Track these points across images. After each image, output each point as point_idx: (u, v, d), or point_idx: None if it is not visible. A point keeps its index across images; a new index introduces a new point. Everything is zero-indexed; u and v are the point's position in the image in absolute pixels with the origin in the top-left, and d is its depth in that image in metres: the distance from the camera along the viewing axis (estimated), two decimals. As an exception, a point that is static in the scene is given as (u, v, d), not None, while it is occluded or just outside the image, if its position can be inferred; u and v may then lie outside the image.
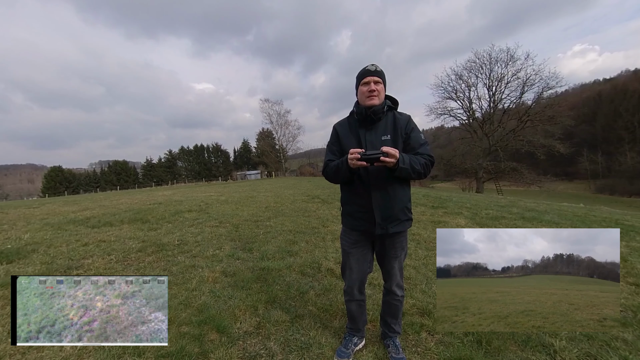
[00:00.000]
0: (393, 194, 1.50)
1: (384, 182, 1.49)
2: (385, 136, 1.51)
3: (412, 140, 1.51)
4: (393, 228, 1.52)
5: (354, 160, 1.35)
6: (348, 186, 1.63)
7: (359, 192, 1.55)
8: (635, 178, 36.25)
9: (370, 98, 1.51)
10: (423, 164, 1.43)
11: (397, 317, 1.75)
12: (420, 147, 1.49)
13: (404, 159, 1.38)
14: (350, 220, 1.63)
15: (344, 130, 1.63)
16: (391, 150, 1.32)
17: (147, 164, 56.96)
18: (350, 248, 1.66)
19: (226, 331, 1.94)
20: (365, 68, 1.56)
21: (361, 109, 1.54)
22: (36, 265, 3.30)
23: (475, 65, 26.80)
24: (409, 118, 1.57)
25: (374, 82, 1.51)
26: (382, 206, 1.50)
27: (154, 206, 7.66)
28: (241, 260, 3.36)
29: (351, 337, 1.77)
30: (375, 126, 1.54)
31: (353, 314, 1.75)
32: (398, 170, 1.38)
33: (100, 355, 1.70)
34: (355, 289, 1.70)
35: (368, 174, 1.51)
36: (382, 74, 1.55)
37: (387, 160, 1.32)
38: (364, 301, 1.76)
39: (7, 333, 1.94)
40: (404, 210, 1.54)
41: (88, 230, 4.98)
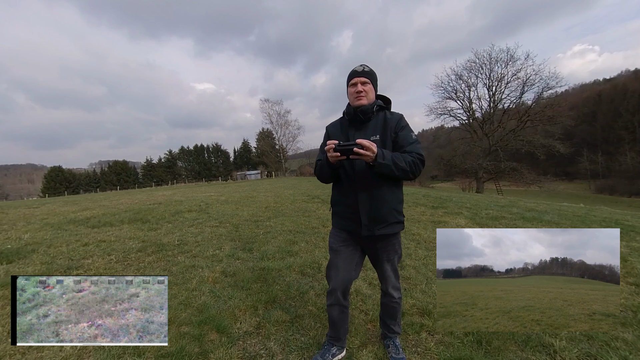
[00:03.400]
0: (380, 195, 1.46)
1: (370, 182, 1.45)
2: (375, 136, 1.48)
3: (401, 138, 1.46)
4: (380, 230, 1.48)
5: (330, 151, 1.31)
6: (337, 186, 1.61)
7: (347, 192, 1.52)
8: (635, 178, 36.24)
9: (358, 99, 1.50)
10: (410, 162, 1.36)
11: (395, 318, 1.73)
12: (410, 146, 1.43)
13: (384, 155, 1.32)
14: (339, 220, 1.61)
15: (335, 130, 1.63)
16: (365, 142, 1.26)
17: (147, 164, 56.99)
18: (338, 246, 1.61)
19: (226, 331, 1.94)
20: (353, 69, 1.55)
21: (350, 109, 1.54)
22: (36, 265, 3.30)
23: (475, 65, 26.87)
24: (400, 117, 1.53)
25: (361, 83, 1.50)
26: (369, 207, 1.47)
27: (154, 206, 7.66)
28: (241, 260, 3.36)
29: (330, 346, 1.69)
30: (365, 126, 1.52)
31: (334, 320, 1.66)
32: (377, 166, 1.32)
33: (100, 355, 1.70)
34: (339, 292, 1.61)
35: (355, 173, 1.47)
36: (370, 74, 1.53)
37: (363, 153, 1.26)
38: (346, 307, 1.67)
39: (7, 333, 1.94)
40: (392, 212, 1.49)
41: (88, 230, 4.98)
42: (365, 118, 1.51)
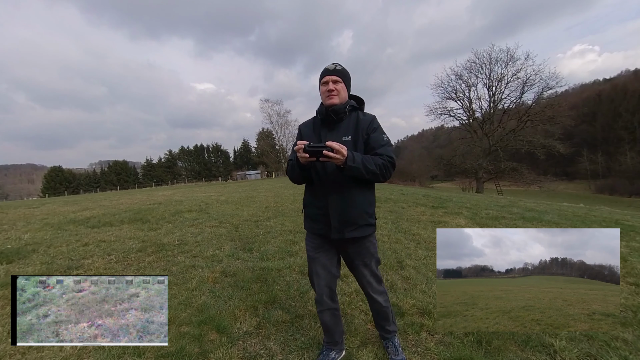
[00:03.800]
0: (350, 197, 1.43)
1: (341, 184, 1.43)
2: (346, 137, 1.45)
3: (372, 140, 1.43)
4: (350, 233, 1.45)
5: (300, 151, 1.28)
6: (309, 188, 1.57)
7: (318, 194, 1.49)
8: (635, 178, 36.25)
9: (329, 98, 1.47)
10: (380, 165, 1.34)
11: (388, 319, 1.69)
12: (380, 148, 1.40)
13: (354, 158, 1.29)
14: (310, 223, 1.57)
15: (307, 130, 1.59)
16: (335, 145, 1.23)
17: (147, 164, 57.03)
18: (315, 253, 1.58)
19: (226, 331, 1.94)
20: (325, 67, 1.52)
21: (322, 108, 1.51)
22: (36, 265, 3.30)
23: (475, 66, 26.88)
24: (373, 119, 1.50)
25: (332, 81, 1.47)
26: (339, 209, 1.43)
27: (154, 206, 7.66)
28: (241, 260, 3.36)
29: (328, 351, 1.67)
30: (337, 126, 1.49)
31: (327, 325, 1.65)
32: (347, 169, 1.29)
33: (100, 355, 1.70)
34: (326, 296, 1.60)
35: (327, 174, 1.44)
36: (342, 73, 1.50)
37: (332, 156, 1.24)
38: (337, 309, 1.66)
39: (7, 333, 1.94)
40: (362, 214, 1.46)
41: (88, 230, 4.98)
42: (338, 118, 1.48)
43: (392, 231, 4.44)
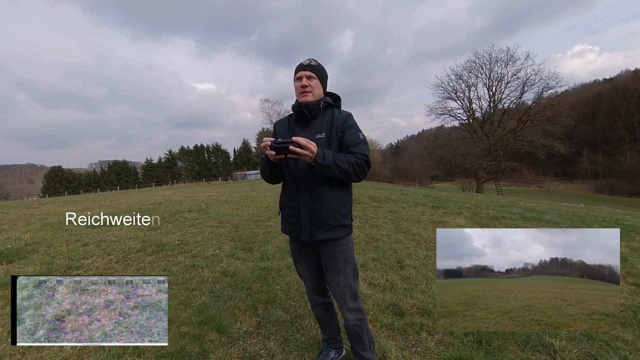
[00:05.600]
0: (322, 196, 1.36)
1: (312, 183, 1.35)
2: (320, 134, 1.38)
3: (347, 138, 1.36)
4: (321, 235, 1.36)
5: (267, 149, 1.22)
6: (283, 187, 1.51)
7: (291, 193, 1.43)
8: (635, 178, 36.27)
9: (303, 94, 1.41)
10: (353, 163, 1.27)
11: (362, 343, 1.51)
12: (355, 146, 1.33)
13: (325, 155, 1.23)
14: (284, 224, 1.49)
15: (282, 127, 1.53)
16: (302, 141, 1.17)
17: (147, 164, 56.99)
18: (297, 257, 1.55)
19: (226, 331, 1.94)
20: (300, 62, 1.46)
21: (296, 105, 1.45)
22: (36, 265, 3.30)
23: (475, 65, 26.89)
24: (348, 116, 1.44)
25: (306, 77, 1.40)
26: (310, 209, 1.36)
27: (154, 206, 7.66)
28: (241, 260, 3.36)
29: (328, 351, 1.64)
30: (311, 124, 1.43)
31: (322, 320, 1.63)
32: (317, 167, 1.23)
33: (100, 355, 1.70)
34: (315, 293, 1.58)
35: (299, 172, 1.38)
36: (317, 68, 1.44)
37: (300, 152, 1.17)
38: (330, 304, 1.62)
39: (7, 333, 1.94)
40: (334, 215, 1.36)
41: (88, 230, 4.98)
42: (311, 115, 1.41)
43: (392, 231, 4.44)
